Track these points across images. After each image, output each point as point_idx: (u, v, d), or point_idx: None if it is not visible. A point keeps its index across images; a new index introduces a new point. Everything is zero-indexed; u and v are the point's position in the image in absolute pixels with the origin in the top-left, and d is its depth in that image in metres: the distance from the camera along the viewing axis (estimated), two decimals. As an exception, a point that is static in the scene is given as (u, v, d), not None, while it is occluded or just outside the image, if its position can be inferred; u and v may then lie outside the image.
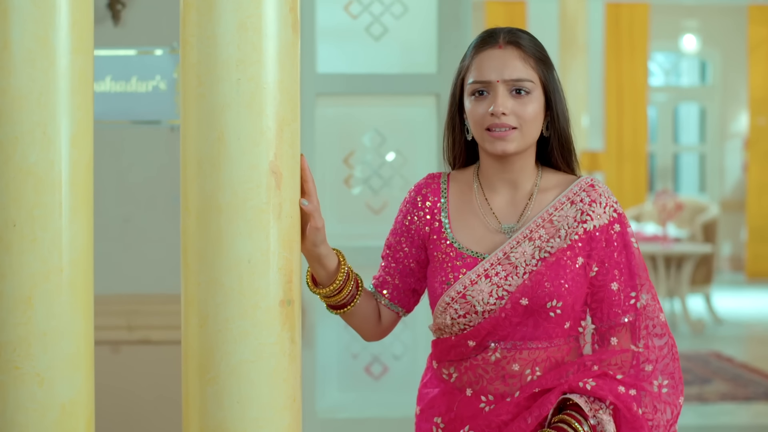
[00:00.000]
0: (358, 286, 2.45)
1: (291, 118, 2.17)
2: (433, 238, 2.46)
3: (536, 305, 2.34)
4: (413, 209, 2.50)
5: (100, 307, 4.22)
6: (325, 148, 4.42)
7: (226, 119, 2.11)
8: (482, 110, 2.37)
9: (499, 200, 2.46)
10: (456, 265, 2.41)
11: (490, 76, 2.37)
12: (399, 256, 2.51)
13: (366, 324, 2.52)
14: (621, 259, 2.39)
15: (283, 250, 2.15)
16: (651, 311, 2.40)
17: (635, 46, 14.28)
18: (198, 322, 2.14)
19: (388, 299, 2.52)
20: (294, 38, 2.18)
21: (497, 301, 2.36)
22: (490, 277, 2.37)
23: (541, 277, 2.35)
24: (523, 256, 2.38)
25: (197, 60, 2.12)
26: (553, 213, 2.40)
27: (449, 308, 2.39)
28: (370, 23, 4.45)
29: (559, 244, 2.38)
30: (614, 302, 2.38)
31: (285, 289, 2.15)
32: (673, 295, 9.98)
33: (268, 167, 2.12)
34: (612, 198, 2.43)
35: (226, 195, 2.11)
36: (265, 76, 2.12)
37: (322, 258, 2.34)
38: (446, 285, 2.40)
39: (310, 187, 2.25)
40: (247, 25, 2.11)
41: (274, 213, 2.14)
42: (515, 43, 2.40)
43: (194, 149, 2.13)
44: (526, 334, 2.36)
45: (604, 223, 2.40)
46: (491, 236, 2.43)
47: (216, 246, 2.12)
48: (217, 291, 2.12)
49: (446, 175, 2.53)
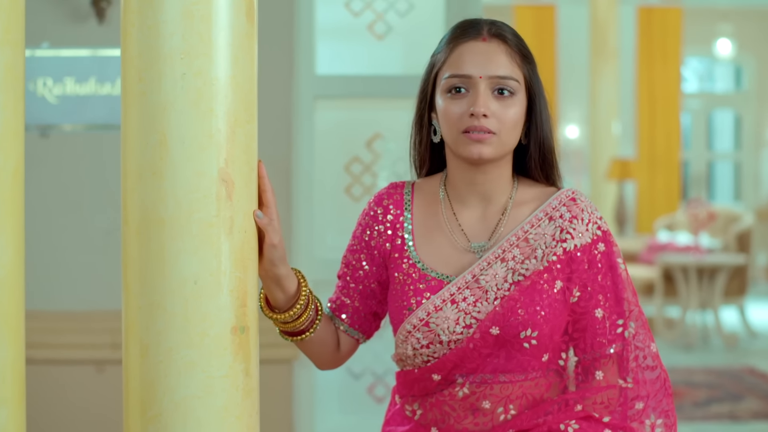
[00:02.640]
0: (318, 310, 2.20)
1: (246, 118, 1.91)
2: (394, 257, 2.20)
3: (508, 335, 2.08)
4: (373, 223, 2.24)
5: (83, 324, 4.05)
6: (324, 154, 4.18)
7: (169, 120, 1.85)
8: (460, 110, 2.10)
9: (468, 215, 2.19)
10: (419, 289, 2.14)
11: (471, 71, 2.10)
12: (358, 275, 2.25)
13: (323, 352, 2.26)
14: (606, 283, 2.13)
15: (236, 270, 1.90)
16: (641, 340, 2.13)
17: (668, 51, 14.00)
18: (139, 351, 1.89)
19: (347, 324, 2.26)
20: (249, 27, 1.92)
21: (464, 329, 2.10)
22: (457, 302, 2.11)
23: (514, 303, 2.09)
24: (494, 279, 2.11)
25: (138, 53, 1.88)
26: (529, 230, 2.14)
27: (410, 337, 2.13)
28: (373, 21, 4.21)
29: (535, 265, 2.11)
30: (599, 331, 2.12)
31: (238, 315, 1.90)
32: (705, 307, 9.76)
33: (218, 175, 1.87)
34: (596, 213, 2.17)
35: (169, 207, 1.86)
36: (215, 71, 1.87)
37: (280, 279, 2.08)
38: (407, 311, 2.14)
39: (268, 197, 2.00)
40: (193, 12, 1.86)
41: (225, 227, 1.88)
42: (500, 37, 2.14)
43: (134, 155, 1.88)
44: (498, 366, 2.10)
45: (586, 242, 2.14)
46: (459, 256, 2.16)
47: (157, 265, 1.87)
48: (159, 316, 1.87)
49: (410, 184, 2.26)
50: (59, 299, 4.02)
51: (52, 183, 4.02)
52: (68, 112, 3.79)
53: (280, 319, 2.14)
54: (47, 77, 3.76)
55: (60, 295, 4.02)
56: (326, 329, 2.23)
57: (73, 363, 3.99)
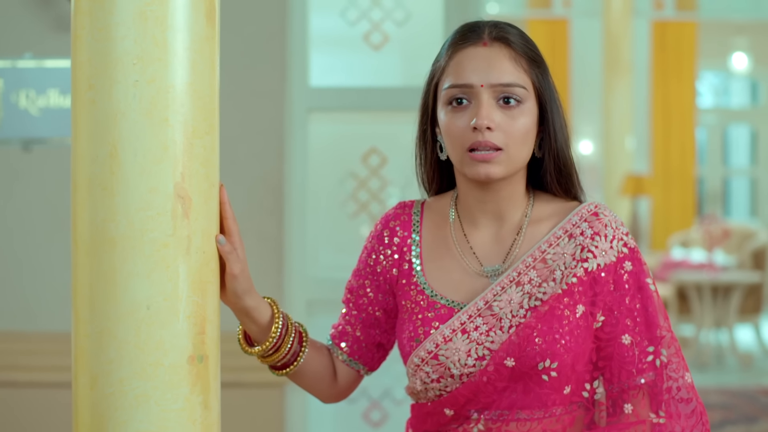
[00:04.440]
0: (302, 339, 2.03)
1: (205, 129, 1.76)
2: (401, 283, 2.02)
3: (525, 366, 1.89)
4: (379, 246, 2.06)
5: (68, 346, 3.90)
6: (318, 169, 4.03)
7: (120, 131, 1.70)
8: (462, 124, 1.92)
9: (480, 236, 2.01)
10: (427, 318, 1.96)
11: (471, 80, 1.92)
12: (362, 302, 2.08)
13: (319, 385, 2.10)
14: (634, 305, 1.93)
15: (193, 294, 1.74)
16: (674, 370, 1.92)
17: (683, 66, 13.83)
18: (88, 381, 1.74)
19: (347, 354, 2.09)
20: (209, 30, 1.77)
21: (477, 362, 1.92)
22: (468, 332, 1.93)
23: (530, 332, 1.90)
24: (508, 305, 1.93)
25: (88, 58, 1.73)
26: (547, 250, 1.95)
27: (419, 371, 1.95)
28: (369, 31, 4.05)
29: (554, 288, 1.92)
30: (627, 359, 1.91)
31: (195, 342, 1.74)
32: (720, 325, 9.65)
33: (174, 190, 1.72)
34: (621, 229, 1.98)
35: (120, 225, 1.70)
36: (171, 78, 1.72)
37: (249, 311, 1.92)
38: (415, 342, 1.96)
39: (230, 224, 1.83)
40: (146, 13, 1.71)
41: (181, 247, 1.73)
42: (503, 40, 1.95)
43: (84, 168, 1.73)
44: (515, 401, 1.91)
45: (611, 260, 1.94)
46: (470, 281, 1.98)
47: (107, 288, 1.71)
48: (109, 344, 1.72)
49: (420, 204, 2.09)
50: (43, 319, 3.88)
51: (36, 198, 3.88)
52: (52, 125, 3.64)
53: (258, 353, 1.99)
54: (30, 89, 3.62)
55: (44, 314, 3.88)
56: (317, 359, 2.07)
57: (56, 386, 3.83)
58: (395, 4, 4.05)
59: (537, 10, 13.70)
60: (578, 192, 2.03)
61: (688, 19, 13.77)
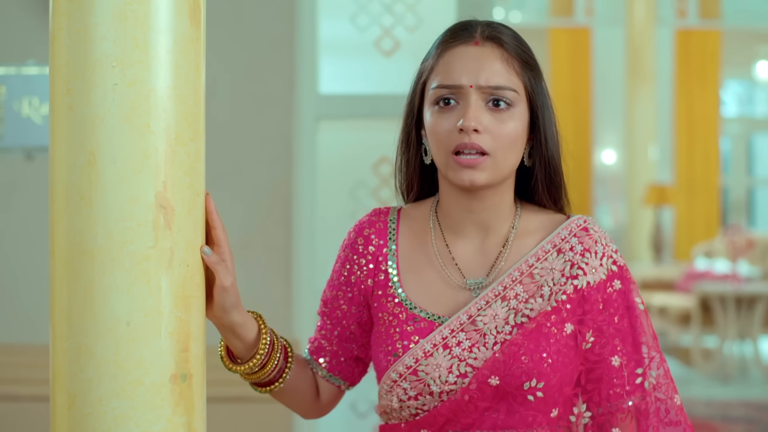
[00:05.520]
0: (287, 356, 1.93)
1: (189, 135, 1.67)
2: (377, 294, 1.92)
3: (510, 386, 1.79)
4: (353, 256, 1.96)
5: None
6: (328, 178, 3.94)
7: (98, 137, 1.61)
8: (448, 125, 1.82)
9: (463, 247, 1.91)
10: (406, 331, 1.86)
11: (461, 80, 1.83)
12: (336, 315, 1.98)
13: (301, 401, 2.00)
14: (623, 325, 1.85)
15: (176, 309, 1.65)
16: (663, 392, 1.85)
17: (706, 74, 13.70)
18: (66, 401, 1.65)
19: (326, 370, 2.00)
20: (194, 31, 1.68)
21: (458, 379, 1.82)
22: (450, 347, 1.83)
23: (516, 349, 1.80)
24: (493, 320, 1.83)
25: (66, 61, 1.64)
26: (535, 264, 1.86)
27: (396, 387, 1.84)
28: (380, 37, 3.97)
29: (542, 305, 1.83)
30: (616, 382, 1.83)
31: (178, 360, 1.65)
32: (744, 337, 9.54)
33: (155, 200, 1.63)
34: (611, 246, 1.89)
35: (99, 236, 1.61)
36: (152, 81, 1.63)
37: (235, 327, 1.82)
38: (392, 357, 1.86)
39: (218, 234, 1.74)
40: (126, 13, 1.62)
41: (163, 260, 1.63)
42: (496, 39, 1.86)
43: (61, 177, 1.65)
44: (498, 422, 1.81)
45: (600, 278, 1.86)
46: (452, 293, 1.88)
47: (85, 303, 1.63)
48: (87, 362, 1.63)
49: (396, 210, 1.98)
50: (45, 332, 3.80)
51: (38, 207, 3.80)
52: (55, 134, 3.58)
53: (242, 371, 1.88)
54: (33, 96, 3.54)
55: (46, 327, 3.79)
56: (301, 376, 1.98)
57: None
58: (406, 10, 3.96)
59: (559, 18, 13.61)
60: (565, 204, 1.94)
61: (712, 27, 13.65)
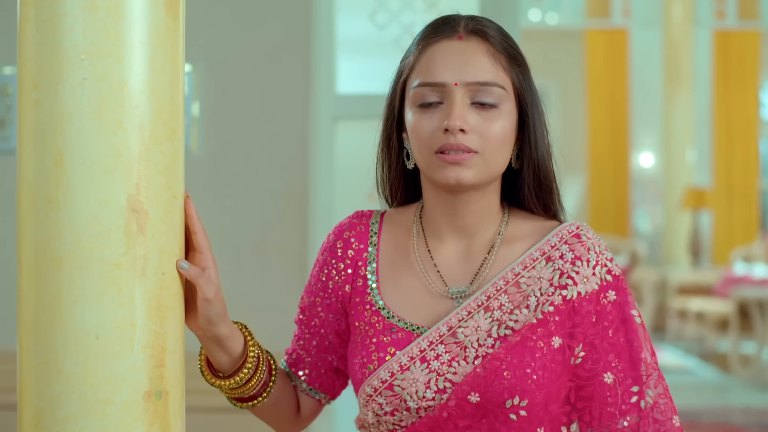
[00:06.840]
0: (271, 370, 1.81)
1: (165, 134, 1.55)
2: (354, 301, 1.80)
3: (491, 403, 1.66)
4: (332, 259, 1.84)
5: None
6: (345, 181, 3.81)
7: (66, 136, 1.50)
8: (431, 125, 1.70)
9: (446, 252, 1.79)
10: (382, 342, 1.74)
11: (444, 77, 1.71)
12: (314, 323, 1.86)
13: (282, 416, 1.88)
14: (618, 340, 1.71)
15: (150, 321, 1.53)
16: (661, 412, 1.70)
17: (745, 76, 13.52)
18: (32, 418, 1.54)
19: (306, 383, 1.88)
20: (171, 22, 1.57)
21: (437, 395, 1.69)
22: (428, 360, 1.70)
23: (498, 364, 1.67)
24: (475, 332, 1.70)
25: (33, 54, 1.53)
26: (521, 273, 1.73)
27: (371, 402, 1.72)
28: (400, 35, 3.82)
29: (527, 317, 1.70)
30: (609, 400, 1.69)
31: (153, 376, 1.54)
32: (783, 344, 9.27)
33: (127, 203, 1.52)
34: (605, 254, 1.75)
35: (66, 242, 1.50)
36: (125, 75, 1.52)
37: (221, 340, 1.70)
38: (367, 370, 1.73)
39: (200, 240, 1.62)
40: (97, 3, 1.51)
41: (136, 268, 1.52)
42: (481, 33, 1.73)
43: (28, 178, 1.54)
44: None
45: (593, 289, 1.71)
46: (433, 302, 1.75)
47: (52, 315, 1.52)
48: (55, 378, 1.52)
49: (380, 214, 1.87)
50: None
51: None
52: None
53: (226, 386, 1.76)
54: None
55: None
56: (283, 390, 1.86)
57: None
58: (428, 7, 3.83)
59: (596, 20, 13.46)
60: (558, 210, 1.81)
61: (751, 28, 13.46)
